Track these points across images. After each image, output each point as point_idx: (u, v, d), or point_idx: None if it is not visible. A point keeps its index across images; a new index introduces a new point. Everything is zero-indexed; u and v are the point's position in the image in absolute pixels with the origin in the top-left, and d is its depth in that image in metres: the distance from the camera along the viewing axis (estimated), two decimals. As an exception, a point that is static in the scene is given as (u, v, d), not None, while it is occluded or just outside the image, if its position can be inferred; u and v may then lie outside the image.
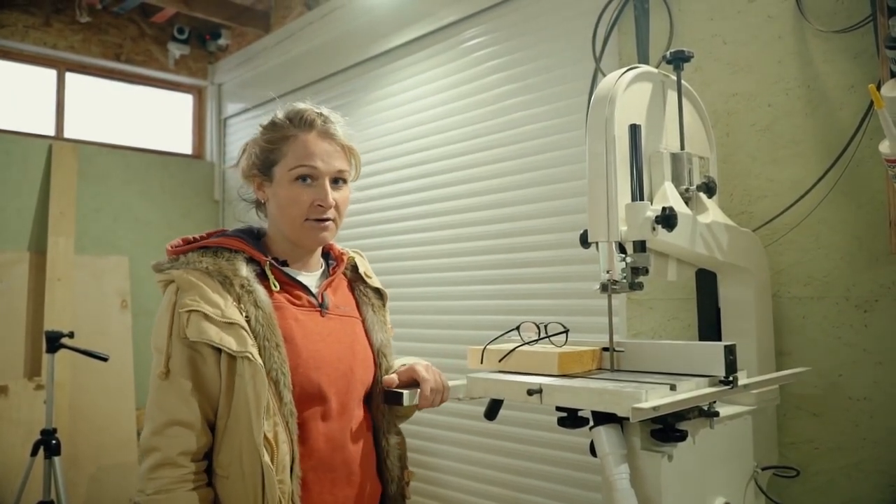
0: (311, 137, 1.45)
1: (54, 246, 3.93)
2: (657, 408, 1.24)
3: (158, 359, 1.36)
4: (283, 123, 1.47)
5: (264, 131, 1.49)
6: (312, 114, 1.47)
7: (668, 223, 1.49)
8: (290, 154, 1.44)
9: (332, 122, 1.50)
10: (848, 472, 1.85)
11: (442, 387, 1.53)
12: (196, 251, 1.43)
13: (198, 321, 1.32)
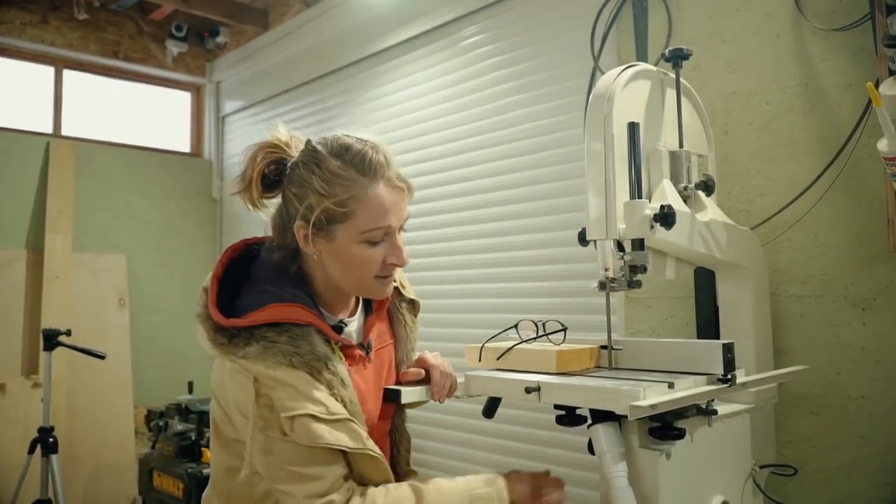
0: (381, 190, 1.27)
1: (52, 244, 3.93)
2: (655, 406, 1.24)
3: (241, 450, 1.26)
4: (347, 175, 1.26)
5: (322, 182, 1.26)
6: (377, 157, 1.29)
7: (667, 221, 1.48)
8: (361, 215, 1.26)
9: (392, 160, 1.33)
10: (846, 470, 1.85)
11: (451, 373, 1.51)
12: (263, 327, 1.25)
13: (306, 425, 1.19)
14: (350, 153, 1.28)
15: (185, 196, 4.64)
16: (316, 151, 1.29)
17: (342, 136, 1.32)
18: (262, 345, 1.22)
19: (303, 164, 1.29)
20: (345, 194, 1.25)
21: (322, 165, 1.27)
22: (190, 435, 3.32)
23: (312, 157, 1.29)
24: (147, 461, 3.43)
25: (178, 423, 3.49)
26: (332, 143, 1.30)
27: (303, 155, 1.31)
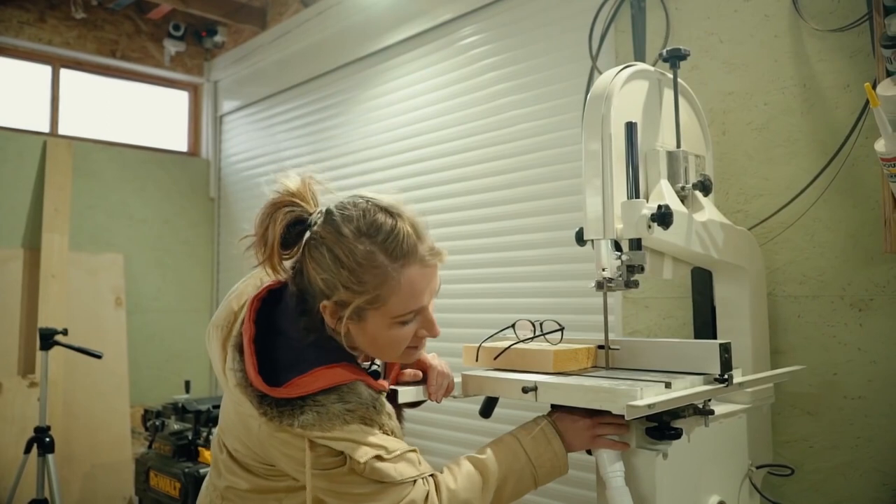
0: (414, 274, 1.23)
1: (49, 243, 3.92)
2: (652, 405, 1.24)
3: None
4: (378, 264, 1.20)
5: (350, 275, 1.20)
6: (409, 238, 1.23)
7: (664, 221, 1.48)
8: (393, 301, 1.22)
9: (424, 231, 1.27)
10: (842, 470, 1.85)
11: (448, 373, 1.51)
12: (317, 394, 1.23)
13: (372, 466, 1.21)
14: (381, 235, 1.21)
15: (182, 195, 4.63)
16: (340, 232, 1.21)
17: (369, 208, 1.23)
18: (315, 411, 1.21)
19: (327, 244, 1.21)
20: (376, 287, 1.20)
21: (349, 251, 1.19)
22: (187, 434, 3.31)
23: (337, 237, 1.21)
24: (143, 461, 3.42)
25: (174, 422, 3.48)
26: (359, 221, 1.21)
27: (325, 230, 1.22)
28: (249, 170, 4.42)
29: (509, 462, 1.40)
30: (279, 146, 4.15)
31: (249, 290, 1.35)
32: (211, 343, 1.36)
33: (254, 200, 4.34)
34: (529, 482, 1.42)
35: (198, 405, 3.46)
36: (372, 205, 1.25)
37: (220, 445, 1.39)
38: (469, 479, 1.35)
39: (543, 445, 1.41)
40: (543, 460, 1.41)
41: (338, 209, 1.25)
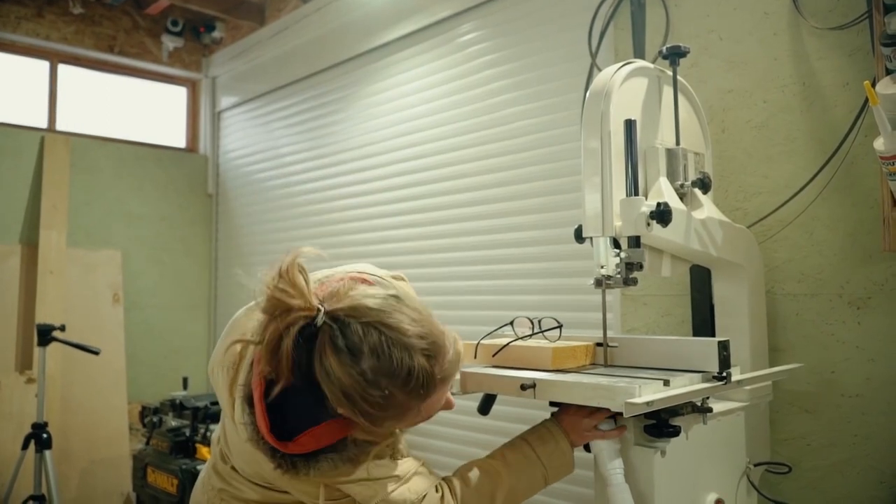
0: (434, 398, 1.21)
1: (46, 239, 3.91)
2: (650, 403, 1.24)
3: None
4: (399, 402, 1.15)
5: (368, 418, 1.16)
6: (429, 372, 1.16)
7: (663, 218, 1.48)
8: (411, 418, 1.22)
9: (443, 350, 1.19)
10: (840, 468, 1.85)
11: None
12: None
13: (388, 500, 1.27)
14: (398, 378, 1.13)
15: (179, 192, 4.62)
16: (349, 372, 1.11)
17: (382, 344, 1.12)
18: (330, 459, 1.22)
19: (340, 382, 1.12)
20: (397, 417, 1.18)
21: (364, 395, 1.12)
22: (184, 431, 3.31)
23: (348, 374, 1.11)
24: (141, 457, 3.42)
25: (172, 419, 3.48)
26: (372, 360, 1.11)
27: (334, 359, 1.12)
28: (248, 166, 4.42)
29: (520, 463, 1.43)
30: (277, 143, 4.15)
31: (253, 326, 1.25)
32: (217, 382, 1.34)
33: (252, 197, 4.34)
34: (540, 482, 1.45)
35: (195, 402, 3.46)
36: (385, 338, 1.13)
37: (223, 457, 1.40)
38: (481, 481, 1.39)
39: (552, 445, 1.45)
40: (553, 459, 1.45)
41: (343, 338, 1.12)
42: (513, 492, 1.41)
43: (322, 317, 1.13)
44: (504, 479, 1.41)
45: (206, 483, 1.45)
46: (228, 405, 1.30)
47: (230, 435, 1.35)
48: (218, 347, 1.36)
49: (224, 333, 1.37)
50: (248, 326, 1.29)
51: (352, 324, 1.12)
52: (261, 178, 4.28)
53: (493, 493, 1.39)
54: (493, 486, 1.40)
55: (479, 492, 1.38)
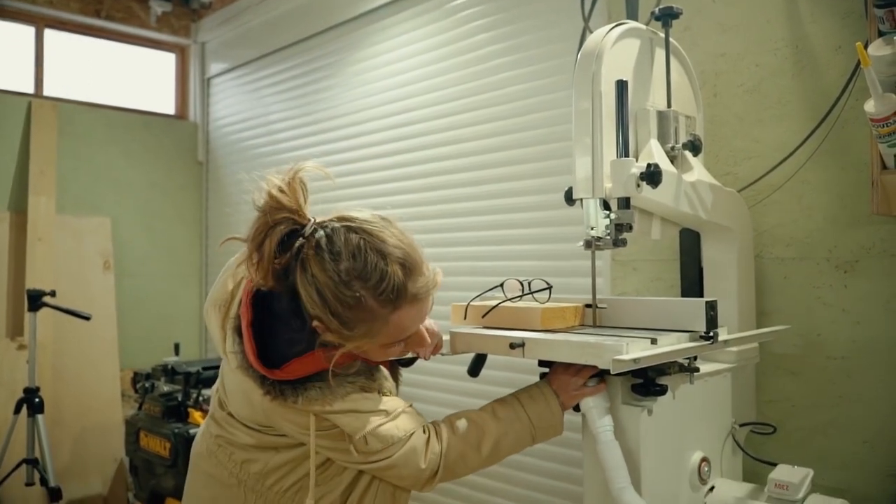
0: (404, 313, 1.25)
1: (35, 205, 3.88)
2: (638, 360, 1.25)
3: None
4: (369, 308, 1.21)
5: (339, 320, 1.20)
6: (401, 280, 1.22)
7: (653, 180, 1.48)
8: (383, 335, 1.26)
9: (419, 262, 1.26)
10: (823, 428, 1.88)
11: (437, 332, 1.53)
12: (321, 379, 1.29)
13: (376, 434, 1.30)
14: (371, 280, 1.19)
15: (169, 159, 4.59)
16: (328, 271, 1.18)
17: (360, 246, 1.20)
18: (318, 387, 1.27)
19: (316, 283, 1.19)
20: (365, 329, 1.22)
21: (337, 295, 1.18)
22: (176, 396, 3.32)
23: (325, 275, 1.19)
24: (134, 422, 3.44)
25: (164, 384, 3.49)
26: (349, 262, 1.19)
27: (315, 263, 1.19)
28: (238, 133, 4.38)
29: (509, 419, 1.45)
30: (268, 109, 4.11)
31: (244, 268, 1.33)
32: (210, 321, 1.41)
33: (243, 164, 4.31)
34: (527, 439, 1.47)
35: (187, 367, 3.47)
36: (364, 242, 1.21)
37: (221, 404, 1.44)
38: (469, 430, 1.42)
39: (542, 405, 1.47)
40: (541, 419, 1.46)
41: (327, 240, 1.21)
42: (498, 445, 1.43)
43: (311, 226, 1.22)
44: (491, 431, 1.43)
45: (206, 431, 1.49)
46: (220, 339, 1.35)
47: (227, 377, 1.39)
48: (212, 290, 1.43)
49: (218, 277, 1.42)
50: (240, 270, 1.35)
51: (337, 229, 1.22)
52: (251, 145, 4.25)
53: (478, 443, 1.42)
54: (480, 436, 1.42)
55: (465, 440, 1.41)
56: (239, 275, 1.36)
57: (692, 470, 1.57)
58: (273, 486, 1.38)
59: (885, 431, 1.79)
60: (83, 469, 3.81)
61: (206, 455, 1.45)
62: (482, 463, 1.44)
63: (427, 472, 1.37)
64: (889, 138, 1.55)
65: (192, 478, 1.51)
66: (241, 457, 1.39)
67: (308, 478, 1.35)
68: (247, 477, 1.39)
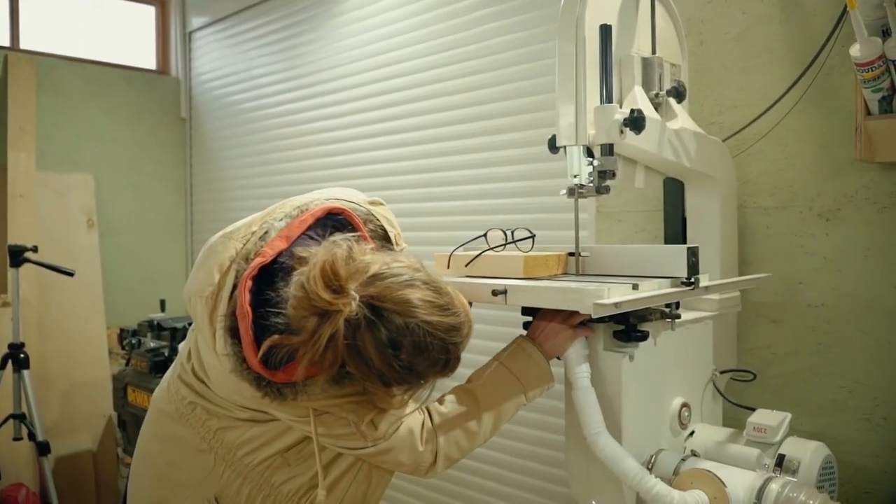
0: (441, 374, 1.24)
1: (14, 162, 3.82)
2: (619, 304, 1.26)
3: None
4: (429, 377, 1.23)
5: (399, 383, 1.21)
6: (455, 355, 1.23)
7: (636, 126, 1.47)
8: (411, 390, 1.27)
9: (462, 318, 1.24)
10: (802, 374, 1.91)
11: None
12: None
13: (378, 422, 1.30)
14: (436, 366, 1.20)
15: (152, 115, 4.51)
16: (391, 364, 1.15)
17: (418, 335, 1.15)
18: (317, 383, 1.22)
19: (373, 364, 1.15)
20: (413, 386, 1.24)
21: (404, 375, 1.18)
22: (163, 351, 3.33)
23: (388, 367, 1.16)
24: (121, 378, 3.45)
25: (150, 340, 3.49)
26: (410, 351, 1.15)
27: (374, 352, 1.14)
28: (221, 88, 4.31)
29: (495, 382, 1.44)
30: (251, 64, 4.04)
31: (231, 255, 1.27)
32: (195, 312, 1.30)
33: (227, 121, 4.25)
34: (520, 398, 1.46)
35: (173, 322, 3.47)
36: (422, 331, 1.15)
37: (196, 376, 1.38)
38: (459, 404, 1.41)
39: (524, 359, 1.47)
40: (527, 373, 1.46)
41: (385, 331, 1.14)
42: (492, 411, 1.42)
43: (357, 306, 1.13)
44: (482, 402, 1.42)
45: (175, 393, 1.42)
46: (209, 335, 1.26)
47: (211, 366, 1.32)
48: (193, 275, 1.32)
49: (199, 261, 1.32)
50: (224, 255, 1.28)
51: (393, 317, 1.14)
52: (235, 100, 4.18)
53: (473, 414, 1.40)
54: (472, 407, 1.41)
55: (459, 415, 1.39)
56: (225, 266, 1.26)
57: (673, 415, 1.59)
58: (244, 457, 1.34)
59: (862, 377, 1.82)
60: (72, 425, 3.83)
61: (176, 417, 1.40)
62: (482, 435, 1.42)
63: (427, 454, 1.35)
64: (874, 83, 1.54)
65: (149, 435, 1.47)
66: (217, 425, 1.35)
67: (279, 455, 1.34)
68: (219, 445, 1.35)
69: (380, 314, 1.13)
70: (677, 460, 1.48)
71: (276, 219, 1.31)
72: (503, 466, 2.69)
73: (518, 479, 2.66)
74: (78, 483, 3.79)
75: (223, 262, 1.27)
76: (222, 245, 1.30)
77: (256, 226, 1.31)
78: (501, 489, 2.71)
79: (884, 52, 1.53)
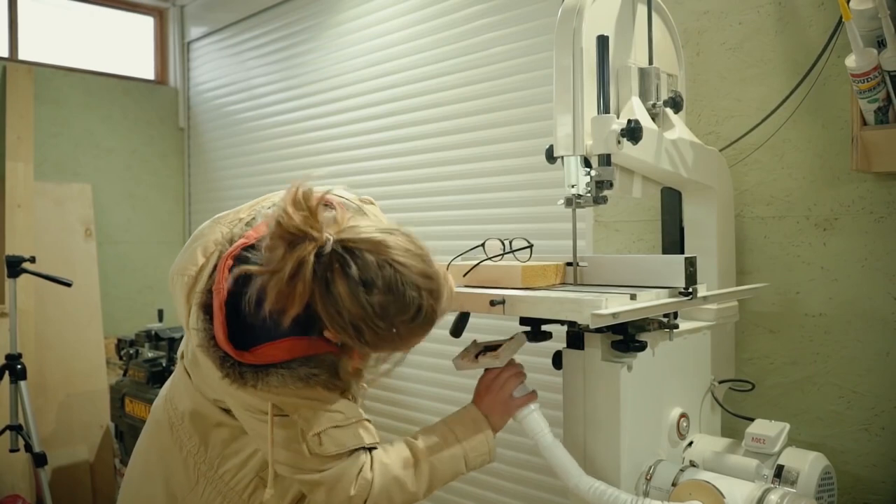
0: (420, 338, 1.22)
1: (13, 172, 3.82)
2: (617, 314, 1.26)
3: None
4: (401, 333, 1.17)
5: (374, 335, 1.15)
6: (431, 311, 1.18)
7: (634, 136, 1.48)
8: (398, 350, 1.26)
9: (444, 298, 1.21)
10: (801, 385, 1.91)
11: None
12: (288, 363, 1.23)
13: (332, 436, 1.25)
14: (407, 313, 1.15)
15: (150, 125, 4.52)
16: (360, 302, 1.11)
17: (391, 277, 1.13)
18: (281, 374, 1.21)
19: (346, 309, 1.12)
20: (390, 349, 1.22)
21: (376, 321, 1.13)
22: (160, 361, 3.33)
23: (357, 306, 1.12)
24: (119, 388, 3.44)
25: (148, 350, 3.49)
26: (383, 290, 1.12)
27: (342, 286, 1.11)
28: (219, 98, 4.32)
29: (441, 446, 1.38)
30: (249, 74, 4.05)
31: (217, 238, 1.29)
32: (175, 291, 1.32)
33: (225, 130, 4.25)
34: (460, 466, 1.41)
35: (171, 333, 3.46)
36: (398, 275, 1.13)
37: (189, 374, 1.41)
38: (401, 458, 1.34)
39: (472, 430, 1.41)
40: (474, 446, 1.41)
41: (358, 270, 1.12)
42: (431, 476, 1.37)
43: (331, 244, 1.12)
44: (424, 460, 1.36)
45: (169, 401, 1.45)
46: (185, 313, 1.28)
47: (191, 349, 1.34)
48: (179, 256, 1.34)
49: (187, 243, 1.35)
50: (210, 238, 1.30)
51: (365, 255, 1.12)
52: (233, 110, 4.19)
53: (412, 477, 1.34)
54: (413, 464, 1.35)
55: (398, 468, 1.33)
56: (210, 249, 1.28)
57: (671, 425, 1.59)
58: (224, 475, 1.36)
59: (861, 387, 1.82)
60: (69, 436, 3.81)
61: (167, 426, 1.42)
62: (416, 495, 1.35)
63: (356, 500, 1.28)
64: (869, 94, 1.55)
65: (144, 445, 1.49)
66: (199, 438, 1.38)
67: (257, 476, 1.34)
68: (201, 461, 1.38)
69: (352, 252, 1.12)
70: (676, 471, 1.47)
71: (265, 207, 1.34)
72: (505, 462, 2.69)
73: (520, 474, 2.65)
74: (75, 494, 3.78)
75: (208, 245, 1.29)
76: (210, 228, 1.33)
77: (245, 213, 1.34)
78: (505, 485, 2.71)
79: (879, 63, 1.54)
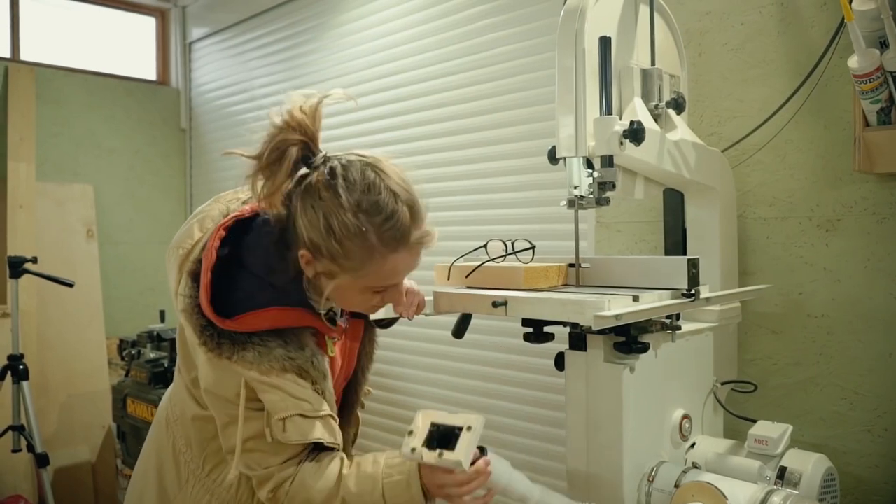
0: (400, 258, 1.21)
1: (14, 172, 3.82)
2: (619, 316, 1.25)
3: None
4: (370, 244, 1.16)
5: (338, 245, 1.15)
6: (406, 223, 1.19)
7: (636, 137, 1.48)
8: (372, 275, 1.21)
9: (422, 212, 1.23)
10: (803, 386, 1.91)
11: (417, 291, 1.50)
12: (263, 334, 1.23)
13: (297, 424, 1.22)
14: (379, 216, 1.16)
15: (152, 125, 4.52)
16: (339, 199, 1.15)
17: (375, 182, 1.18)
18: (258, 350, 1.21)
19: (323, 209, 1.15)
20: (360, 262, 1.18)
21: (344, 225, 1.15)
22: (162, 362, 3.33)
23: (335, 204, 1.15)
24: (121, 389, 3.44)
25: (150, 350, 3.49)
26: (362, 195, 1.16)
27: (325, 190, 1.16)
28: (221, 99, 4.32)
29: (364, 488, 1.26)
30: (251, 74, 4.05)
31: (214, 215, 1.33)
32: (169, 263, 1.34)
33: (227, 131, 4.26)
34: None
35: (173, 333, 3.46)
36: (379, 179, 1.19)
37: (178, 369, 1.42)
38: (327, 479, 1.26)
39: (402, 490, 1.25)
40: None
41: (342, 169, 1.18)
42: None
43: (323, 155, 1.21)
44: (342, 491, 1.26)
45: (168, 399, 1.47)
46: (175, 281, 1.29)
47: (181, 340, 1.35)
48: (178, 232, 1.36)
49: (187, 220, 1.37)
50: (209, 214, 1.32)
51: (354, 162, 1.20)
52: (235, 111, 4.19)
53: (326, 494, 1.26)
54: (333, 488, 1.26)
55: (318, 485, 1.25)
56: (207, 224, 1.31)
57: (673, 427, 1.59)
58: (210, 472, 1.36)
59: (863, 388, 1.82)
60: (71, 436, 3.82)
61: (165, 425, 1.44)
62: None
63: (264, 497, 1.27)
64: (872, 94, 1.55)
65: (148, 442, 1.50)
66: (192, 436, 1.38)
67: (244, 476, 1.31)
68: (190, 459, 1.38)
69: (339, 157, 1.21)
70: (678, 472, 1.47)
71: None
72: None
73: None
74: (77, 495, 3.78)
75: (205, 221, 1.32)
76: (209, 206, 1.36)
77: (244, 193, 1.35)
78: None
79: (882, 64, 1.54)
